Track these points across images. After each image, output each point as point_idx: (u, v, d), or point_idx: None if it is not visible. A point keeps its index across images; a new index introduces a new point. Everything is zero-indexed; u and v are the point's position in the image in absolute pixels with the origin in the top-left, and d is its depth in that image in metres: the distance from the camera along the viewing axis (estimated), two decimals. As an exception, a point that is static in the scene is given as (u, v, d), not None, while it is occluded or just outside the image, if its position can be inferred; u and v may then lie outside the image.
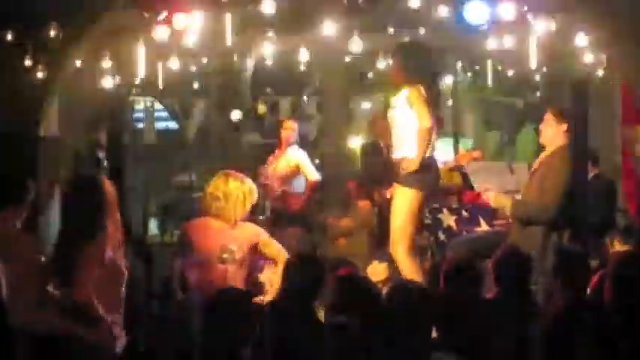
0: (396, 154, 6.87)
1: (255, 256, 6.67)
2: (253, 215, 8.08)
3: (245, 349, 4.36)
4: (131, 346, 5.14)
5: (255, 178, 9.97)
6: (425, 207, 6.98)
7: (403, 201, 6.68)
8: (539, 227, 7.04)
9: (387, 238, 7.94)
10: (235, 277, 6.43)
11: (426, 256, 8.02)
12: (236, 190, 6.58)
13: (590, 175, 9.81)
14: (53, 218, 8.43)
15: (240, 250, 6.49)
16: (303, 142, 10.63)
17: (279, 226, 8.49)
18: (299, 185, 9.66)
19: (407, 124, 6.72)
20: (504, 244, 6.10)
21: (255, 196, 6.70)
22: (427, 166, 6.71)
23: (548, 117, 7.40)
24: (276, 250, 6.60)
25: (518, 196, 7.44)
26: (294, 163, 9.64)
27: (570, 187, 7.15)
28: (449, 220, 8.68)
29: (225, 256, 6.46)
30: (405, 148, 6.75)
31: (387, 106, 7.62)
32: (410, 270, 6.59)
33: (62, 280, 4.93)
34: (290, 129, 9.75)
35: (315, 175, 9.72)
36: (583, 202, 7.38)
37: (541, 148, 7.61)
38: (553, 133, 7.34)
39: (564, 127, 7.33)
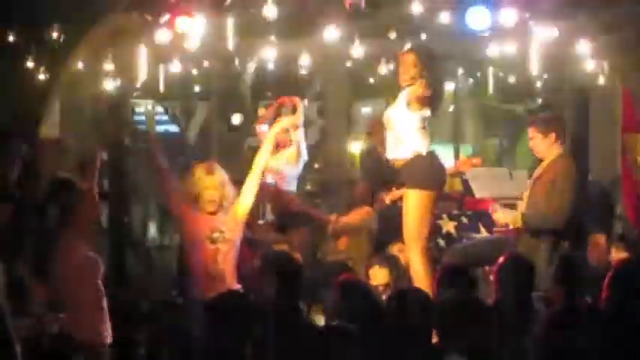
0: (391, 155, 6.83)
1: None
2: (253, 219, 8.07)
3: (245, 349, 4.37)
4: (132, 348, 5.14)
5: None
6: (436, 205, 6.91)
7: (415, 203, 6.63)
8: (546, 239, 6.95)
9: (387, 243, 7.92)
10: (226, 258, 6.50)
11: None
12: (224, 176, 6.66)
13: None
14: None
15: (230, 230, 6.55)
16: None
17: (285, 230, 8.44)
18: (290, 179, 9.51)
19: (403, 125, 6.68)
20: (506, 251, 6.08)
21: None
22: (431, 164, 6.70)
23: (532, 132, 7.24)
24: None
25: (520, 204, 7.40)
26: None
27: (576, 194, 7.09)
28: (448, 226, 8.68)
29: (215, 235, 6.53)
30: (401, 150, 6.72)
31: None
32: (422, 273, 6.53)
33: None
34: (283, 130, 9.64)
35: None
36: (583, 208, 7.34)
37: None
38: (545, 146, 7.18)
39: (553, 136, 7.16)
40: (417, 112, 6.63)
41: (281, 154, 9.31)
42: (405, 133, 6.66)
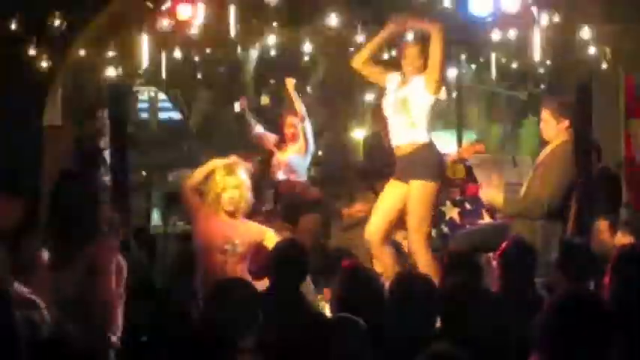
0: (401, 141, 6.86)
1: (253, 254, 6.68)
2: (257, 205, 8.08)
3: (247, 338, 4.36)
4: (133, 335, 5.14)
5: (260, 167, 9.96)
6: (439, 195, 7.05)
7: (420, 195, 6.70)
8: (539, 221, 7.00)
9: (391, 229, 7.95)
10: (234, 271, 6.42)
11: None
12: (245, 176, 6.61)
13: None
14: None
15: (243, 245, 6.48)
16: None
17: (290, 218, 8.46)
18: (300, 170, 9.56)
19: (422, 108, 6.76)
20: (509, 237, 6.09)
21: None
22: (437, 154, 6.81)
23: (545, 114, 7.29)
24: None
25: (520, 189, 7.41)
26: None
27: (571, 182, 7.09)
28: (452, 212, 8.69)
29: (227, 247, 6.46)
30: (415, 133, 6.77)
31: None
32: (426, 260, 6.60)
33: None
34: (291, 126, 9.72)
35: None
36: (588, 194, 7.34)
37: (544, 142, 7.55)
38: (554, 131, 7.24)
39: (565, 123, 7.21)
40: (434, 96, 6.73)
41: (291, 148, 9.35)
42: (422, 117, 6.75)
